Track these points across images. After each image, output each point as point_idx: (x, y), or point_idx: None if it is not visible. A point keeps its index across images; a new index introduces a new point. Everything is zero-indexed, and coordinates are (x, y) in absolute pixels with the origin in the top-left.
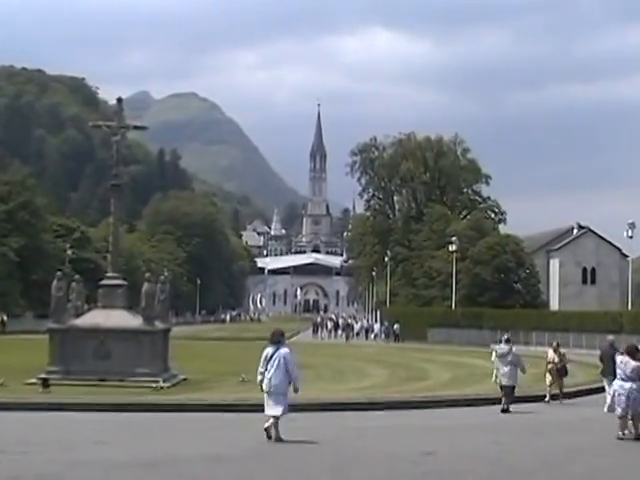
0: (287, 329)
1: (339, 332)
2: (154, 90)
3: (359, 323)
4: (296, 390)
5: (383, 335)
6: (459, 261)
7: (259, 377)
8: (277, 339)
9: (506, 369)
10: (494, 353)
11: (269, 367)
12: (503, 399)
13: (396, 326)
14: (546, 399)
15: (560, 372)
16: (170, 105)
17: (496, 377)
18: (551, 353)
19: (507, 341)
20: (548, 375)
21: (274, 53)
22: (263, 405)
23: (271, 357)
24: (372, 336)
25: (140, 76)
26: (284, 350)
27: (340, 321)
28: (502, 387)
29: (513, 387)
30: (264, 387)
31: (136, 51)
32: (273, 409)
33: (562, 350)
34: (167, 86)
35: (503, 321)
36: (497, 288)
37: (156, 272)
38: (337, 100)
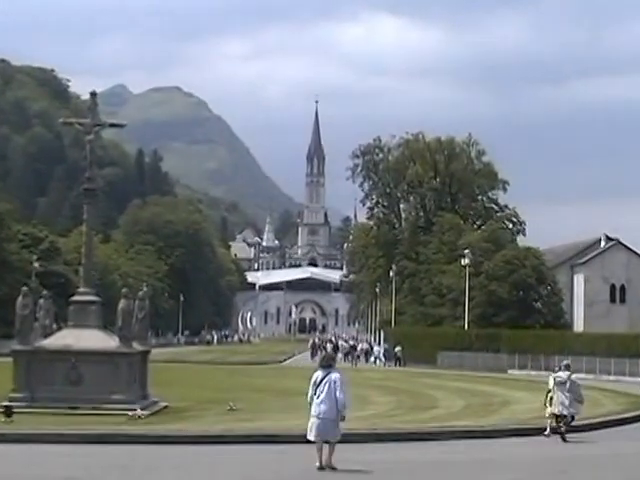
0: (279, 351)
1: (339, 355)
2: (132, 83)
3: (360, 345)
4: (343, 418)
5: (383, 358)
6: (473, 276)
7: (308, 401)
8: (328, 363)
9: (565, 397)
10: (552, 380)
11: (318, 392)
12: (559, 427)
13: (397, 348)
14: (546, 432)
15: None
16: (150, 100)
17: (551, 405)
18: (552, 380)
19: (567, 367)
20: (548, 405)
21: (266, 42)
22: (253, 436)
23: (321, 381)
24: (372, 359)
25: (116, 68)
26: (335, 375)
27: (340, 343)
28: (558, 416)
29: (572, 416)
30: (313, 412)
31: (112, 39)
32: (325, 435)
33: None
34: (147, 79)
35: (522, 344)
36: (515, 307)
37: (134, 287)
38: (337, 96)
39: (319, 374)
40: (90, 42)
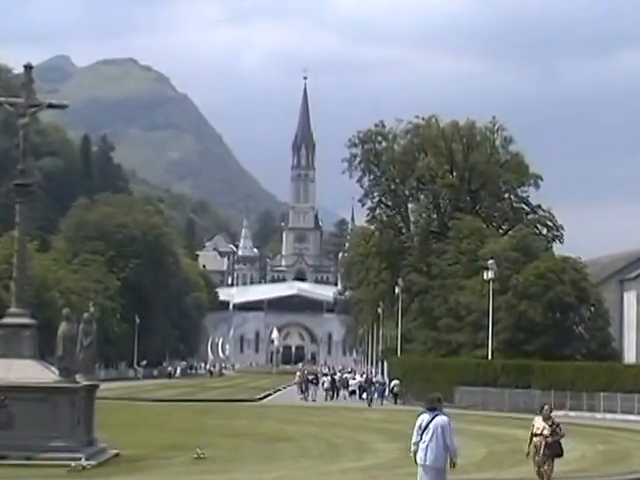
0: (258, 387)
1: (342, 392)
2: (77, 54)
3: (357, 378)
4: (453, 465)
5: (375, 394)
6: (498, 294)
7: (412, 448)
8: (433, 405)
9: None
10: (538, 422)
11: (424, 437)
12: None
13: (394, 382)
14: None
15: (551, 450)
16: (99, 76)
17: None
18: (539, 422)
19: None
20: (534, 454)
21: (242, 4)
22: None
23: (426, 426)
24: (364, 396)
25: (57, 35)
26: (442, 418)
27: (344, 377)
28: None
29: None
30: (418, 460)
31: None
32: None
33: (555, 417)
34: (94, 49)
35: (559, 378)
36: (550, 332)
37: (78, 307)
38: (330, 71)
39: (424, 418)
40: (24, 2)
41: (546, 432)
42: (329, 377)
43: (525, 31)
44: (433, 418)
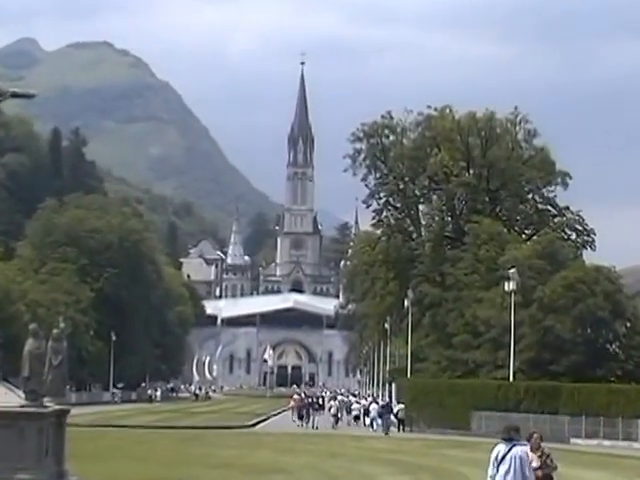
0: (249, 412)
1: (345, 418)
2: (44, 37)
3: (362, 402)
4: None
5: (378, 420)
6: (520, 307)
7: None
8: (510, 436)
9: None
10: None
11: (500, 469)
12: None
13: (398, 407)
14: None
15: None
16: (70, 61)
17: None
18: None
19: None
20: None
21: None
22: None
23: (503, 458)
24: (367, 421)
25: (23, 15)
26: (520, 449)
27: (340, 399)
28: None
29: None
30: None
31: None
32: None
33: (546, 447)
34: (64, 31)
35: (591, 402)
36: (581, 350)
37: (47, 322)
38: (330, 55)
39: (500, 448)
40: None
41: (535, 464)
42: (336, 401)
43: (550, 10)
44: (510, 449)
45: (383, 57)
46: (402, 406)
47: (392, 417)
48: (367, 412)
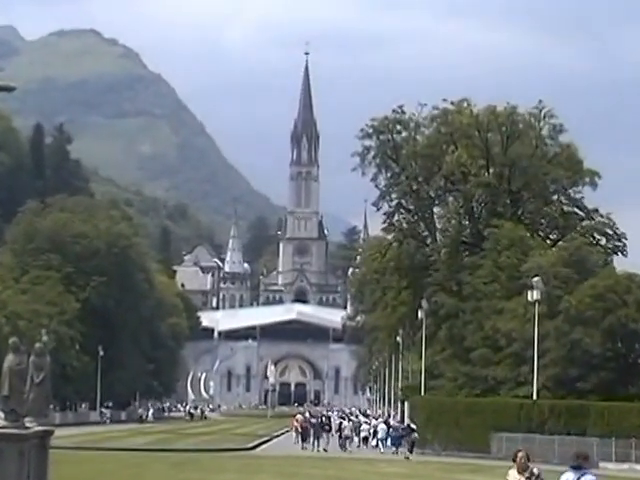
0: (249, 433)
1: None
2: (25, 25)
3: (372, 423)
4: None
5: (389, 441)
6: (545, 319)
7: None
8: (579, 463)
9: None
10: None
11: None
12: None
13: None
14: None
15: None
16: (53, 51)
17: None
18: (513, 475)
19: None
20: None
21: None
22: None
23: None
24: (374, 442)
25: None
26: (589, 478)
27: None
28: None
29: None
30: None
31: None
32: None
33: (535, 467)
34: (47, 18)
35: (622, 423)
36: (611, 366)
37: (28, 336)
38: (337, 45)
39: (569, 477)
40: None
41: None
42: (350, 422)
43: None
44: (579, 478)
45: (394, 47)
46: (413, 426)
47: (415, 435)
48: (375, 432)
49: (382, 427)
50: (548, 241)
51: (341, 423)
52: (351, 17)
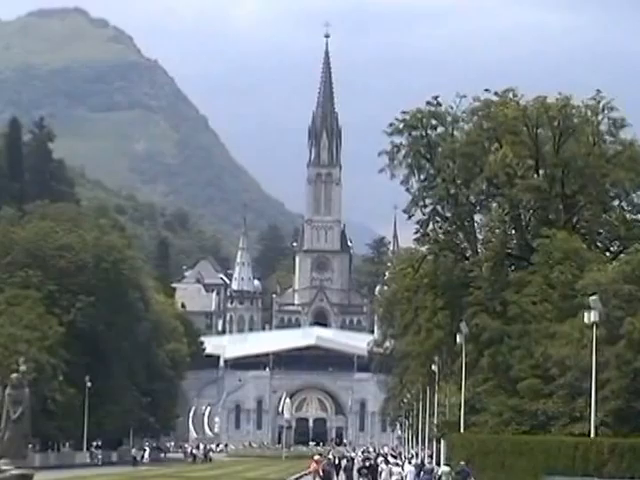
0: (261, 477)
1: None
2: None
3: (405, 466)
4: None
5: None
6: (605, 344)
7: None
8: None
9: None
10: None
11: None
12: None
13: (442, 469)
14: None
15: None
16: (33, 34)
17: None
18: None
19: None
20: None
21: None
22: None
23: None
24: None
25: None
26: None
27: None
28: None
29: None
30: None
31: None
32: None
33: None
34: None
35: None
36: None
37: (4, 365)
38: (361, 26)
39: None
40: None
41: None
42: (388, 466)
43: None
44: None
45: (427, 27)
46: (447, 469)
47: None
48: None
49: (410, 469)
50: (607, 254)
51: (391, 469)
52: None
